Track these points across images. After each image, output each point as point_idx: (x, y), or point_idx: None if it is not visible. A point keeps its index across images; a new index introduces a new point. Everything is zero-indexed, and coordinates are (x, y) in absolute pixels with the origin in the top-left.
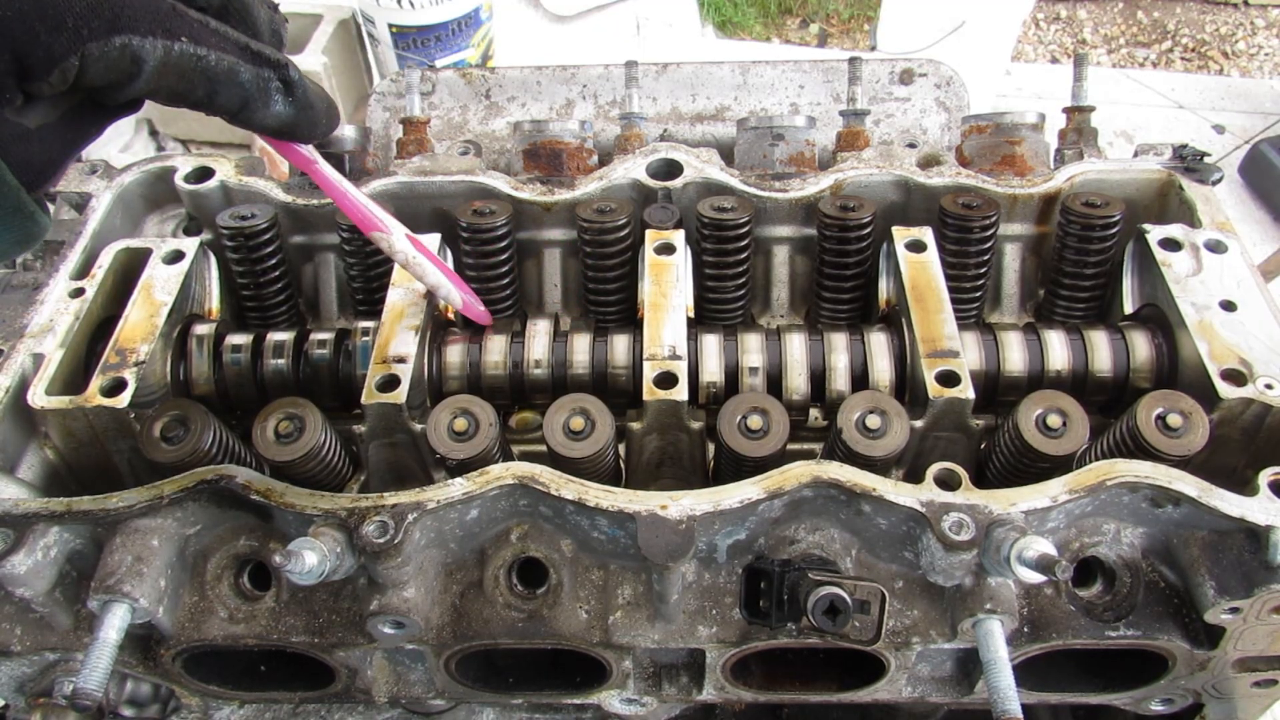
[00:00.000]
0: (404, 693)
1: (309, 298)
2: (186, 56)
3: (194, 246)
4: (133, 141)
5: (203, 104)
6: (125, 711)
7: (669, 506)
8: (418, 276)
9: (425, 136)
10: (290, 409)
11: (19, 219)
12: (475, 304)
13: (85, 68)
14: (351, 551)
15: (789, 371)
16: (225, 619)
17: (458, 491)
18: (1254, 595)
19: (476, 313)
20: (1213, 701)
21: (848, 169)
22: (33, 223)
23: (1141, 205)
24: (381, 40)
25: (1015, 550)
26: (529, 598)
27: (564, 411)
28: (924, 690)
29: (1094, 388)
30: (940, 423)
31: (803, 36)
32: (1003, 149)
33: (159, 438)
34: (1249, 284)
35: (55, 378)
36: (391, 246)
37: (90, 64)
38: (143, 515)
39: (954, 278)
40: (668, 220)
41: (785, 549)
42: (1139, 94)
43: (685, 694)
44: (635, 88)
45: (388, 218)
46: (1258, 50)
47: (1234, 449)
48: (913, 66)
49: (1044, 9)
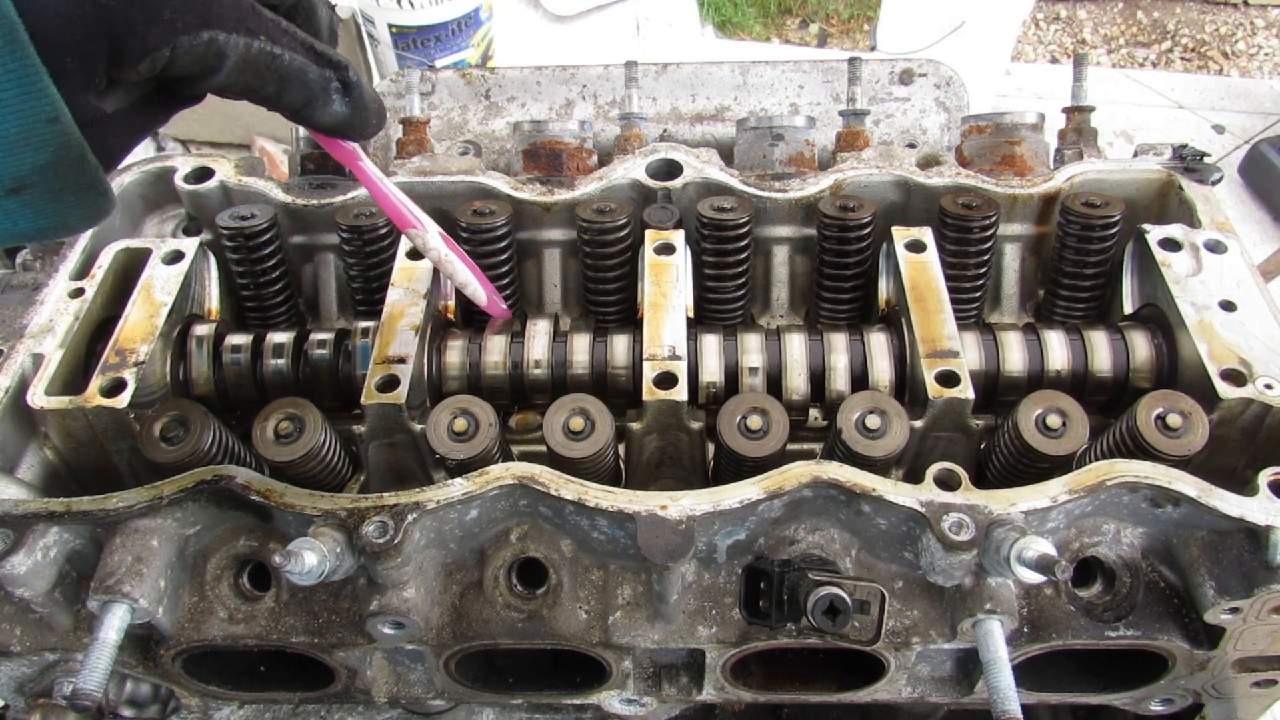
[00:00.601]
0: (404, 693)
1: (309, 298)
2: (264, 54)
3: (194, 247)
4: None
5: (270, 100)
6: (125, 712)
7: (669, 507)
8: (448, 274)
9: (425, 137)
10: (290, 409)
11: (94, 195)
12: (499, 303)
13: (174, 59)
14: (351, 552)
15: (789, 371)
16: (225, 619)
17: (457, 492)
18: (1254, 595)
19: (499, 310)
20: (1213, 702)
21: (847, 169)
22: (105, 199)
23: (1141, 205)
24: (381, 40)
25: (1015, 550)
26: (529, 598)
27: (564, 412)
28: (924, 690)
29: (1094, 388)
30: (940, 423)
31: (802, 36)
32: (1002, 149)
33: (159, 438)
34: (1249, 284)
35: (55, 378)
36: (426, 244)
37: (179, 56)
38: (142, 515)
39: (954, 278)
40: (667, 220)
41: (785, 549)
42: (1139, 94)
43: (685, 694)
44: (635, 88)
45: (423, 215)
46: (1258, 50)
47: (1234, 449)
48: (912, 66)
49: (1044, 9)
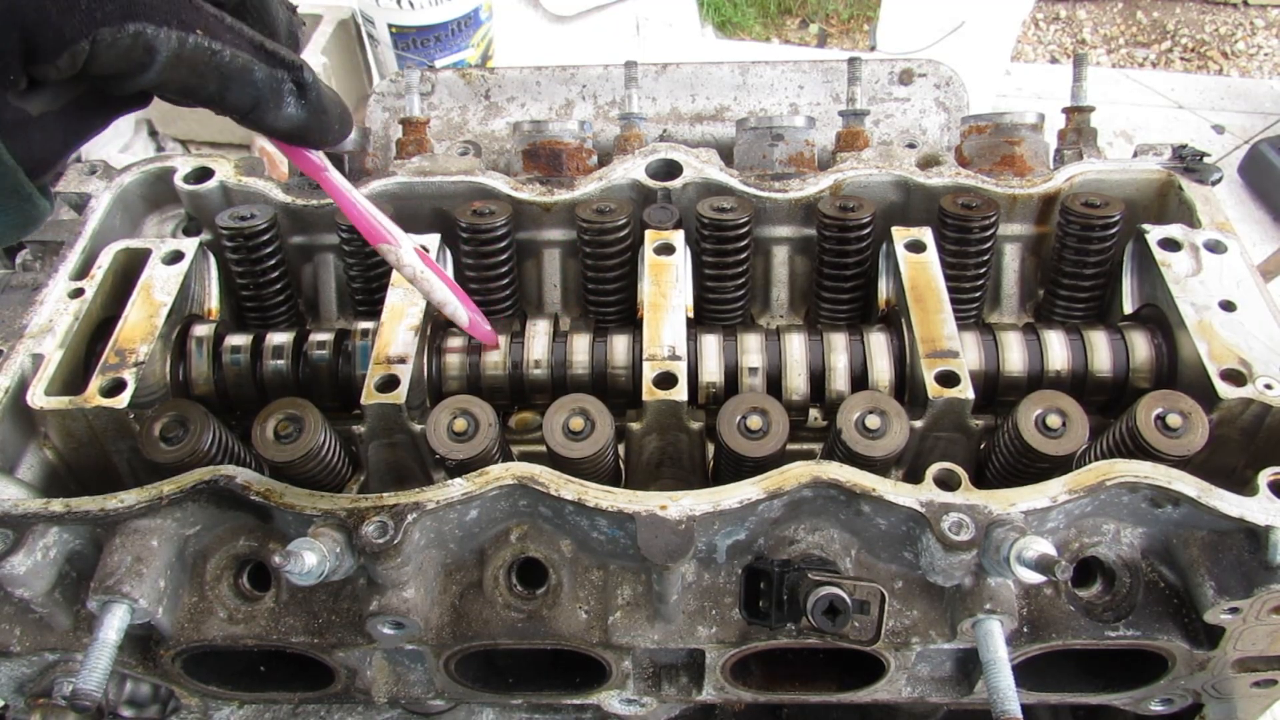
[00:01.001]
0: (403, 693)
1: (308, 298)
2: (200, 50)
3: (193, 247)
4: (132, 142)
5: (213, 101)
6: (125, 712)
7: (668, 507)
8: (424, 293)
9: (425, 137)
10: (289, 409)
11: (16, 201)
12: (482, 323)
13: (96, 53)
14: (351, 552)
15: (788, 372)
16: (225, 619)
17: (457, 492)
18: (1254, 595)
19: (482, 332)
20: (1212, 701)
21: (847, 169)
22: (31, 206)
23: (1141, 205)
24: (381, 40)
25: (1015, 550)
26: (528, 598)
27: (564, 412)
28: (924, 690)
29: (1093, 388)
30: (940, 423)
31: (802, 37)
32: (1002, 149)
33: (158, 438)
34: (1248, 284)
35: (55, 378)
36: (399, 259)
37: (101, 50)
38: (142, 516)
39: (953, 278)
40: (667, 220)
41: (785, 549)
42: (1139, 94)
43: (685, 694)
44: (635, 88)
45: (396, 229)
46: (1257, 50)
47: (1233, 449)
48: (912, 67)
49: (1044, 9)
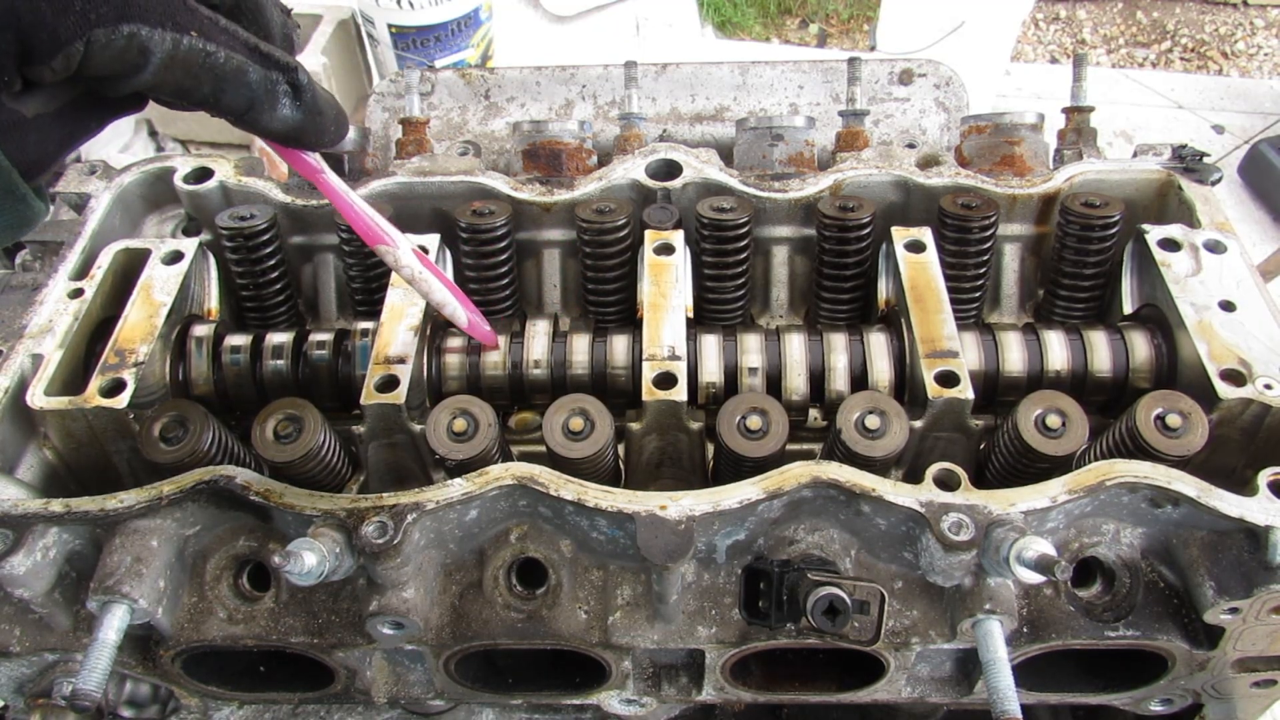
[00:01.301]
0: (403, 693)
1: (308, 298)
2: (195, 51)
3: (193, 247)
4: (132, 142)
5: (208, 103)
6: (124, 712)
7: (668, 507)
8: (423, 294)
9: (425, 137)
10: (289, 410)
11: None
12: (481, 324)
13: (90, 55)
14: (351, 552)
15: (788, 372)
16: (224, 619)
17: (457, 492)
18: (1253, 595)
19: (482, 333)
20: (1212, 702)
21: (847, 169)
22: (26, 207)
23: (1141, 205)
24: (381, 40)
25: (1014, 550)
26: (528, 598)
27: (563, 412)
28: (923, 690)
29: (1093, 388)
30: (940, 423)
31: (802, 37)
32: (1002, 149)
33: (158, 438)
34: (1248, 284)
35: (54, 378)
36: (397, 261)
37: (96, 51)
38: (142, 516)
39: (953, 278)
40: (667, 220)
41: (785, 549)
42: (1138, 94)
43: (685, 694)
44: (635, 88)
45: (394, 231)
46: (1257, 50)
47: (1233, 449)
48: (912, 67)
49: (1044, 9)
